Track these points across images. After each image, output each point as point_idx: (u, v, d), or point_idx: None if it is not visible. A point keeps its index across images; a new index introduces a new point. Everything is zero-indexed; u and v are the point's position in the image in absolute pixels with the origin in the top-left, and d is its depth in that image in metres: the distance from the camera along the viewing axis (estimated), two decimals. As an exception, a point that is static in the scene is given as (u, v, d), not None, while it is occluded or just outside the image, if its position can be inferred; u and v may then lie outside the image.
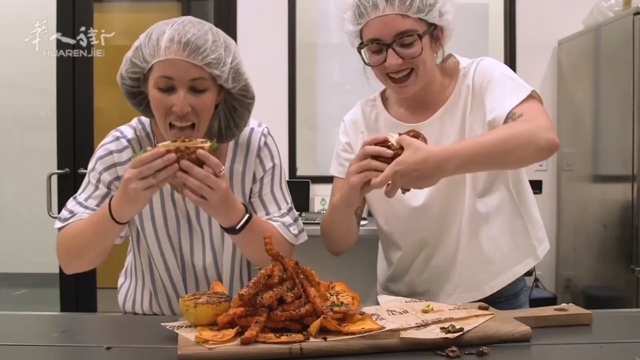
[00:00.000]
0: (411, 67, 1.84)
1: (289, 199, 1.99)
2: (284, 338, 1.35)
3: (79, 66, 4.36)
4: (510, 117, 1.75)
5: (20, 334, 1.63)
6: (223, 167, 1.64)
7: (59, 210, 4.15)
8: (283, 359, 1.31)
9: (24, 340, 1.52)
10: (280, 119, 4.63)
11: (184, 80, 1.69)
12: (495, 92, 1.84)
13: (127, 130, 1.92)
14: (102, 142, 1.92)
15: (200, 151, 1.59)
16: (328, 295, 1.53)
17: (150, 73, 1.73)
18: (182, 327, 1.46)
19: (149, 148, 1.62)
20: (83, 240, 1.78)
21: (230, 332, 1.37)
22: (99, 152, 1.90)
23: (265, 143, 1.94)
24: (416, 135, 1.68)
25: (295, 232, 1.92)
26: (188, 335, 1.39)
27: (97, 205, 1.84)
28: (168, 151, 1.59)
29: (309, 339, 1.35)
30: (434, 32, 1.87)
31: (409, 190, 1.71)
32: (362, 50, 1.90)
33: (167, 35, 1.69)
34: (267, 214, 1.92)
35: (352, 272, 2.23)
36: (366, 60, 1.90)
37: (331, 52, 4.78)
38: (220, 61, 1.71)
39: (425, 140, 1.69)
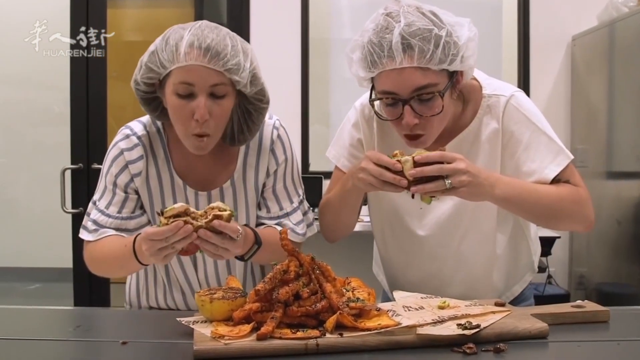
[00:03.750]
0: (423, 133, 1.70)
1: (301, 191, 1.99)
2: (299, 334, 1.35)
3: (92, 64, 4.36)
4: (554, 181, 1.77)
5: (35, 328, 1.63)
6: (240, 232, 1.60)
7: (73, 206, 4.22)
8: (299, 355, 1.31)
9: (40, 335, 1.53)
10: (293, 114, 4.62)
11: (204, 86, 1.67)
12: (531, 151, 1.78)
13: (137, 126, 1.90)
14: (114, 140, 1.90)
15: (216, 222, 1.54)
16: (344, 291, 1.53)
17: (167, 79, 1.70)
18: (197, 322, 1.46)
19: (161, 219, 1.55)
20: (111, 269, 1.88)
21: (246, 327, 1.37)
22: (112, 151, 1.88)
23: (278, 136, 1.92)
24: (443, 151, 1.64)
25: (303, 231, 1.94)
26: (204, 330, 1.39)
27: (119, 212, 1.85)
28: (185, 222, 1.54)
29: (325, 335, 1.35)
30: (454, 78, 1.69)
31: (430, 198, 1.62)
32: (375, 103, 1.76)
33: (186, 40, 1.65)
34: (281, 209, 1.93)
35: (365, 268, 2.22)
36: (379, 112, 1.77)
37: (344, 47, 4.74)
38: (239, 67, 1.68)
39: None
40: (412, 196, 1.62)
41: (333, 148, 2.00)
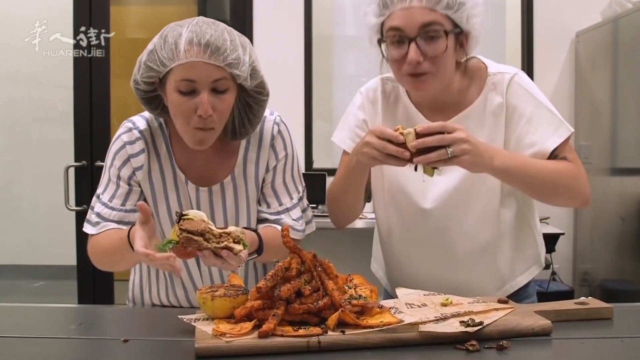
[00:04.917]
0: (427, 72, 1.76)
1: (301, 187, 1.99)
2: (301, 331, 1.34)
3: (95, 62, 4.36)
4: (552, 157, 1.82)
5: (38, 326, 1.63)
6: (244, 260, 1.58)
7: (77, 203, 4.22)
8: (301, 353, 1.30)
9: (42, 333, 1.53)
10: (297, 111, 4.62)
11: (206, 82, 1.68)
12: (533, 123, 1.84)
13: (139, 120, 1.91)
14: (117, 133, 1.92)
15: (224, 252, 1.51)
16: (346, 288, 1.52)
17: (168, 76, 1.70)
18: (199, 319, 1.46)
19: (176, 228, 1.51)
20: (113, 260, 1.87)
21: (248, 325, 1.36)
22: (115, 145, 1.89)
23: (279, 131, 1.93)
24: None
25: (302, 227, 1.95)
26: (205, 328, 1.39)
27: (122, 205, 1.85)
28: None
29: (327, 332, 1.35)
30: (460, 37, 1.80)
31: (432, 169, 1.65)
32: (382, 45, 1.83)
33: (184, 37, 1.66)
34: (280, 204, 1.93)
35: (367, 266, 2.21)
36: (385, 55, 1.84)
37: (347, 44, 4.77)
38: (239, 61, 1.69)
39: None
40: (415, 168, 1.66)
41: (338, 132, 2.04)
